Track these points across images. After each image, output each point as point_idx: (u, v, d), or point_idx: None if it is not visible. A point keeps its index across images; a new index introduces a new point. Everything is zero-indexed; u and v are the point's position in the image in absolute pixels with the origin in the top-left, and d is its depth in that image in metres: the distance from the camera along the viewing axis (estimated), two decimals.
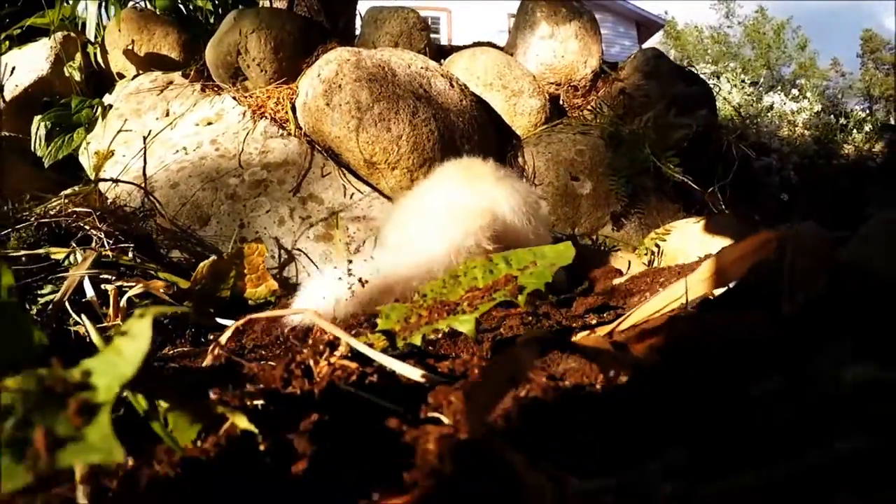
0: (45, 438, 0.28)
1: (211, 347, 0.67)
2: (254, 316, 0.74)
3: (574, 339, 0.74)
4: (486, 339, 0.81)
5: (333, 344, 0.55)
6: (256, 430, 0.45)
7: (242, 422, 0.45)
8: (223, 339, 0.67)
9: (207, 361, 0.67)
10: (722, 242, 1.78)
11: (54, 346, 1.03)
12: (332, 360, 0.52)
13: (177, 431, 0.50)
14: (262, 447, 0.45)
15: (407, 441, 0.37)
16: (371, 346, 0.59)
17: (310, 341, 0.69)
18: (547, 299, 1.18)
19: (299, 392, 0.50)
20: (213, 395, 0.45)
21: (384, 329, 0.67)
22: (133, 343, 0.32)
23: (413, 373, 0.52)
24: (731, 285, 0.98)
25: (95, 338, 0.46)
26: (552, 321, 1.00)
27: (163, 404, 0.50)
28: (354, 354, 0.55)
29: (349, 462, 0.40)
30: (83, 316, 0.58)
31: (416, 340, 0.61)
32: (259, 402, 0.51)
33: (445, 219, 1.22)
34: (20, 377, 0.30)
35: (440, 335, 0.73)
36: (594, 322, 1.04)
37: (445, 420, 0.39)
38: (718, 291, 0.94)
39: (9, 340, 0.37)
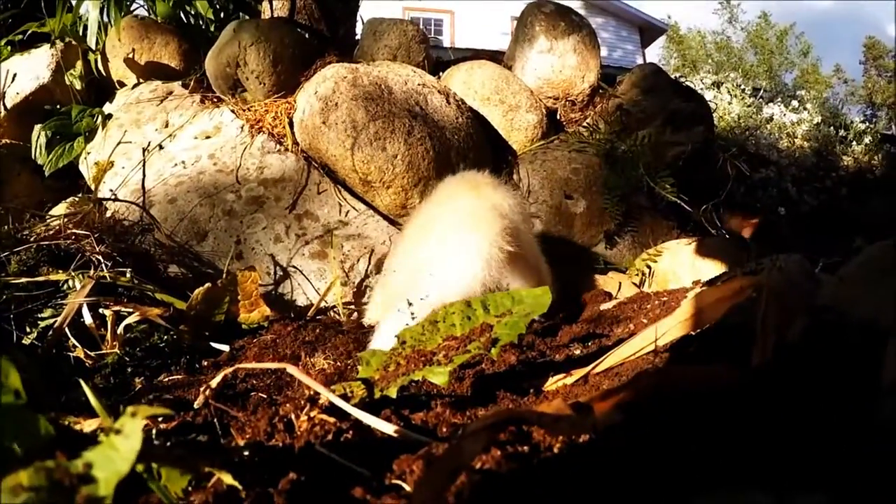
0: None
1: (202, 389, 0.69)
2: (240, 366, 0.77)
3: (546, 385, 0.76)
4: (467, 375, 0.84)
5: (314, 399, 0.57)
6: (240, 487, 0.48)
7: (227, 478, 0.48)
8: (214, 382, 0.69)
9: (198, 402, 0.70)
10: (712, 265, 1.81)
11: (53, 372, 1.06)
12: (312, 414, 0.55)
13: (169, 482, 0.52)
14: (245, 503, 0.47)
15: None
16: (350, 397, 0.62)
17: (290, 394, 0.70)
18: (532, 327, 1.21)
19: (281, 445, 0.52)
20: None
21: (364, 377, 0.70)
22: (127, 442, 0.35)
23: (387, 427, 0.54)
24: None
25: (99, 410, 0.49)
26: (536, 352, 1.03)
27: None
28: (334, 407, 0.58)
29: None
30: (82, 382, 0.60)
31: (392, 393, 0.64)
32: (245, 454, 0.54)
33: (462, 230, 1.23)
34: (31, 471, 0.33)
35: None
36: (578, 352, 1.06)
37: (407, 488, 0.41)
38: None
39: (21, 437, 0.41)
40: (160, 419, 0.66)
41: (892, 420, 0.57)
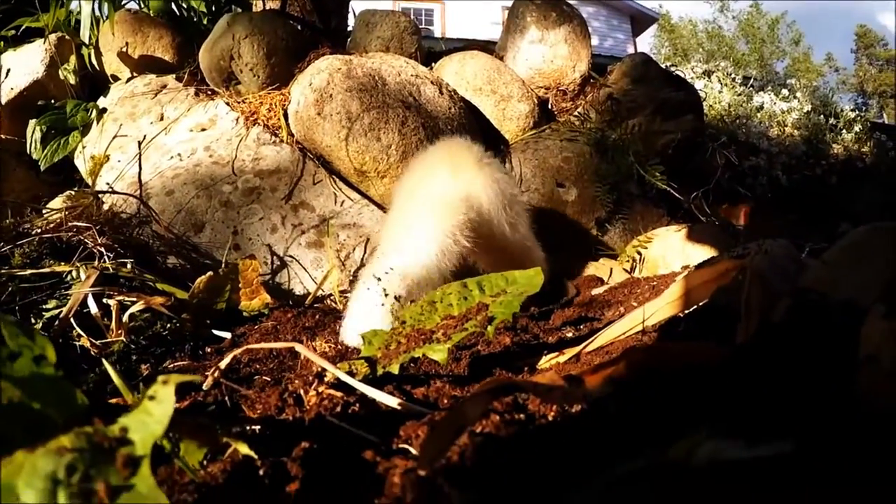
0: (106, 489, 0.34)
1: (211, 371, 0.72)
2: (250, 346, 0.80)
3: (539, 363, 0.80)
4: (464, 356, 0.87)
5: (321, 375, 0.61)
6: (255, 456, 0.51)
7: (244, 448, 0.51)
8: (223, 364, 0.72)
9: (208, 384, 0.73)
10: (701, 251, 1.85)
11: (61, 360, 1.09)
12: (320, 389, 0.58)
13: (187, 455, 0.56)
14: (260, 471, 0.50)
15: (380, 471, 0.43)
16: (354, 373, 0.65)
17: (294, 375, 0.74)
18: (528, 311, 1.25)
19: (292, 419, 0.55)
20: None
21: (367, 356, 0.73)
22: (160, 406, 0.38)
23: (391, 401, 0.58)
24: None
25: (122, 388, 0.52)
26: (530, 334, 1.06)
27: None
28: (340, 383, 0.61)
29: (334, 486, 0.46)
30: (105, 362, 0.63)
31: (394, 369, 0.67)
32: (256, 427, 0.57)
33: (426, 217, 1.26)
34: (72, 435, 0.36)
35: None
36: (570, 335, 1.10)
37: (413, 451, 0.45)
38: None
39: (62, 406, 0.44)
40: None
41: (867, 390, 0.61)
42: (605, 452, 0.42)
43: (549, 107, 2.69)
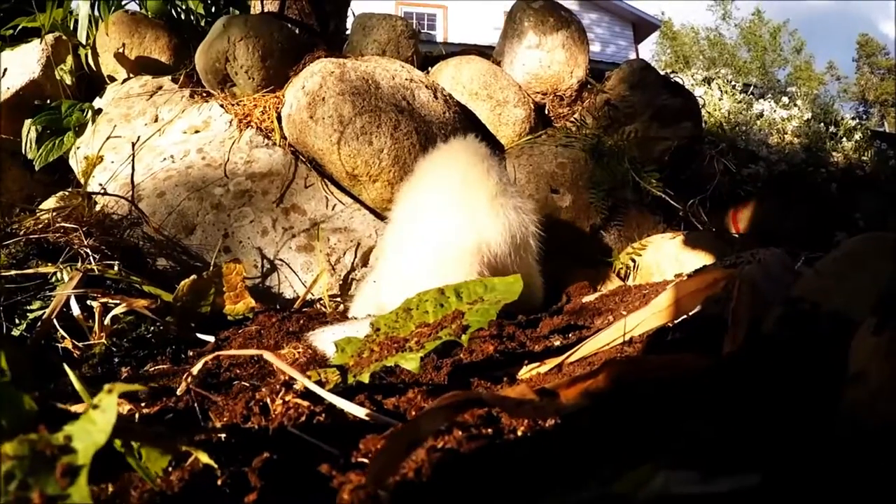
0: (40, 499, 0.33)
1: (185, 375, 0.71)
2: (221, 353, 0.79)
3: (520, 373, 0.78)
4: (445, 364, 0.86)
5: (289, 384, 0.59)
6: (216, 465, 0.50)
7: (204, 457, 0.50)
8: (195, 369, 0.71)
9: (181, 389, 0.72)
10: (696, 258, 1.83)
11: (43, 361, 1.08)
12: (287, 398, 0.57)
13: (149, 462, 0.54)
14: (219, 481, 0.49)
15: (334, 486, 0.42)
16: (325, 382, 0.64)
17: (272, 381, 0.72)
18: (515, 319, 1.23)
19: (257, 427, 0.54)
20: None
21: (338, 364, 0.72)
22: (103, 416, 0.37)
23: (358, 411, 0.56)
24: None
25: (83, 393, 0.51)
26: (515, 342, 1.05)
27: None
28: (310, 392, 0.60)
29: (290, 498, 0.45)
30: (66, 366, 0.62)
31: (365, 378, 0.66)
32: (223, 435, 0.56)
33: (437, 264, 1.25)
34: (15, 443, 0.35)
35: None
36: (557, 343, 1.08)
37: None
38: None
39: (5, 412, 0.43)
40: (143, 404, 0.67)
41: (853, 409, 0.59)
42: (567, 473, 0.40)
43: (546, 112, 2.68)
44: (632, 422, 0.51)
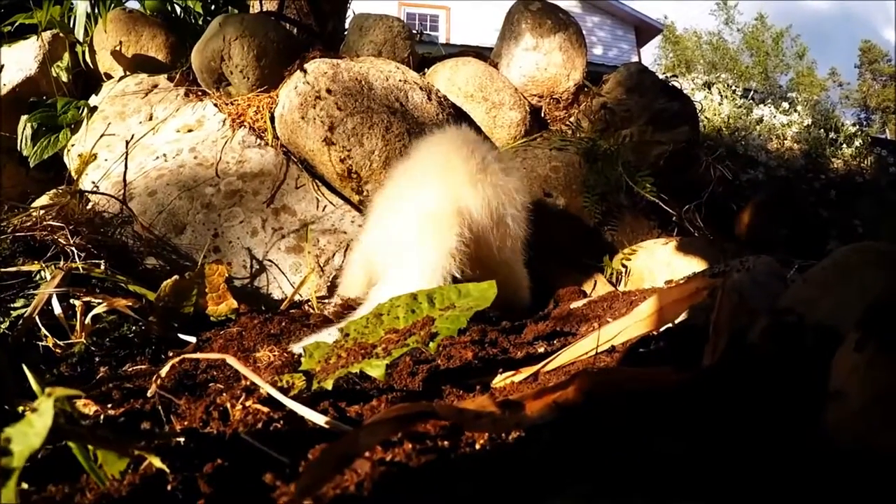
0: None
1: (154, 378, 0.70)
2: (186, 356, 0.78)
3: (494, 381, 0.77)
4: (420, 370, 0.85)
5: (250, 389, 0.59)
6: (168, 470, 0.49)
7: (156, 462, 0.49)
8: (163, 372, 0.71)
9: (151, 391, 0.71)
10: (689, 265, 1.83)
11: (22, 361, 1.07)
12: (248, 404, 0.56)
13: (107, 465, 0.54)
14: (169, 487, 0.49)
15: (274, 496, 0.41)
16: (290, 388, 0.63)
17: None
18: (499, 325, 1.22)
19: (215, 432, 0.53)
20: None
21: (305, 369, 0.71)
22: (40, 419, 0.37)
23: (318, 418, 0.56)
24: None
25: (35, 387, 0.50)
26: (497, 349, 1.04)
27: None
28: (272, 398, 0.59)
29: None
30: (25, 365, 0.62)
31: (328, 385, 0.65)
32: (182, 439, 0.55)
33: (424, 240, 1.27)
34: None
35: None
36: (541, 350, 1.07)
37: None
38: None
39: None
40: (110, 406, 0.67)
41: (831, 427, 0.57)
42: (518, 490, 0.40)
43: (542, 115, 2.67)
44: (597, 438, 0.50)
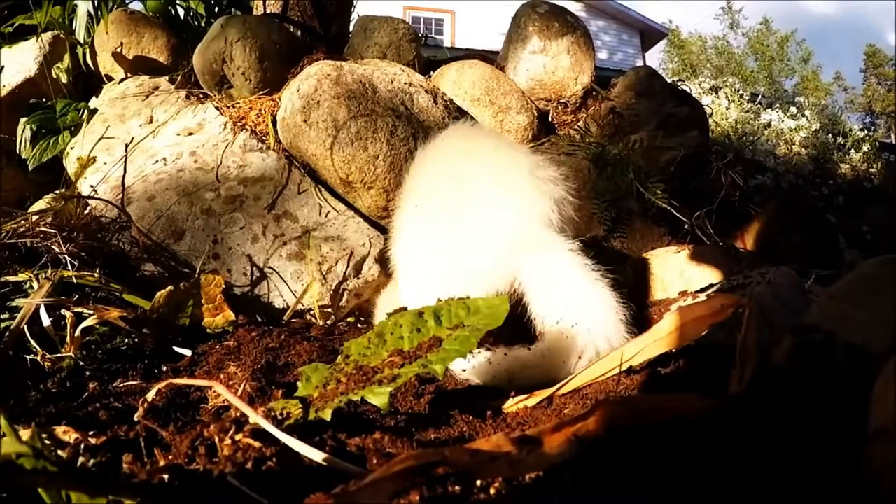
0: None
1: (141, 401, 0.65)
2: (172, 381, 0.73)
3: (506, 405, 0.72)
4: (426, 391, 0.80)
5: (240, 421, 0.53)
6: None
7: None
8: (149, 395, 0.66)
9: (138, 415, 0.66)
10: (702, 274, 1.77)
11: (7, 376, 1.02)
12: (238, 437, 0.51)
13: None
14: None
15: None
16: (285, 417, 0.58)
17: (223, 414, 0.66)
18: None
19: (202, 470, 0.48)
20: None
21: (302, 396, 0.65)
22: None
23: (315, 455, 0.50)
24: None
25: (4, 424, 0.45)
26: None
27: None
28: (265, 429, 0.54)
29: None
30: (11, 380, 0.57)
31: (326, 416, 0.59)
32: (165, 476, 0.50)
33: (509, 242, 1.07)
34: None
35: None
36: None
37: None
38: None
39: None
40: (91, 433, 0.62)
41: (876, 469, 0.52)
42: None
43: (550, 119, 2.62)
44: (622, 477, 0.45)
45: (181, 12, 3.02)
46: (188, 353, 1.10)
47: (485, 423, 0.68)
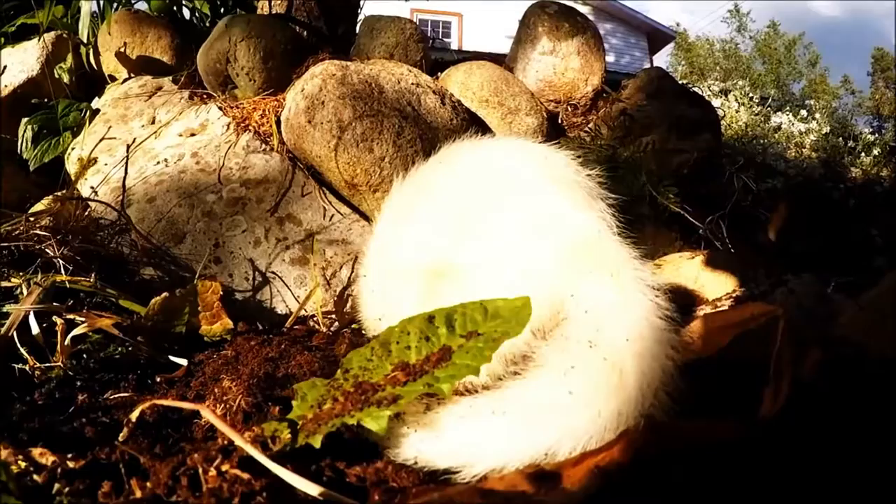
0: None
1: (125, 421, 0.60)
2: (156, 402, 0.68)
3: None
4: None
5: (227, 450, 0.48)
6: None
7: None
8: (133, 415, 0.61)
9: (123, 435, 0.61)
10: (716, 281, 1.71)
11: None
12: (224, 468, 0.46)
13: None
14: None
15: None
16: (275, 441, 0.53)
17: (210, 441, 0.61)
18: None
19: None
20: None
21: (297, 416, 0.60)
22: None
23: (311, 488, 0.45)
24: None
25: None
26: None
27: None
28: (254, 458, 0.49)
29: None
30: None
31: (315, 442, 0.53)
32: None
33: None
34: None
35: None
36: None
37: None
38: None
39: None
40: (70, 456, 0.57)
41: None
42: None
43: (560, 121, 2.57)
44: None
45: (186, 12, 2.99)
46: (184, 362, 1.05)
47: None
